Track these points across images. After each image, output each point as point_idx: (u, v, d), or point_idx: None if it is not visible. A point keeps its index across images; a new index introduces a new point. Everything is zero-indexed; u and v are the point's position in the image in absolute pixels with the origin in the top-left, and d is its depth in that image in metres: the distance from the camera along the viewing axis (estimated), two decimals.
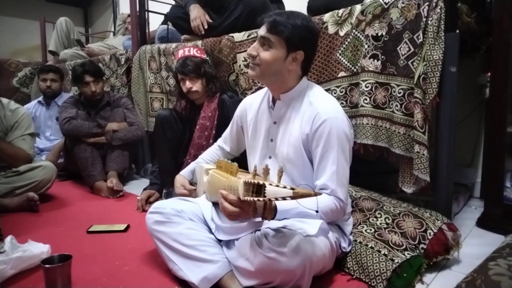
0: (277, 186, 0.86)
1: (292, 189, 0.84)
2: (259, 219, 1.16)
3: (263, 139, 1.30)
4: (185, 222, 1.21)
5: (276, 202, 1.03)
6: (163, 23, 3.04)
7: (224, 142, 1.58)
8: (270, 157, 1.29)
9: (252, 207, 0.97)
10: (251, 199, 0.90)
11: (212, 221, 1.24)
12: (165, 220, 1.21)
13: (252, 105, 1.39)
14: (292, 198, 0.84)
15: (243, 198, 0.94)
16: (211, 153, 1.59)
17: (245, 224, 1.15)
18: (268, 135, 1.29)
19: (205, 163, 1.53)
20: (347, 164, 1.19)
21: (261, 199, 0.88)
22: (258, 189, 0.90)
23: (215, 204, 1.28)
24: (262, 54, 1.17)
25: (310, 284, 1.06)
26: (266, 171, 0.94)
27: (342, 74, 1.67)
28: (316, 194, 0.86)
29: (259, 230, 1.07)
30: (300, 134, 1.20)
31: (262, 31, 1.18)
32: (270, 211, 1.00)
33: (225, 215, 1.06)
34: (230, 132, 1.54)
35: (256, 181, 0.90)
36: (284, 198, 0.85)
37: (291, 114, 1.24)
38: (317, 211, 0.97)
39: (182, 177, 1.56)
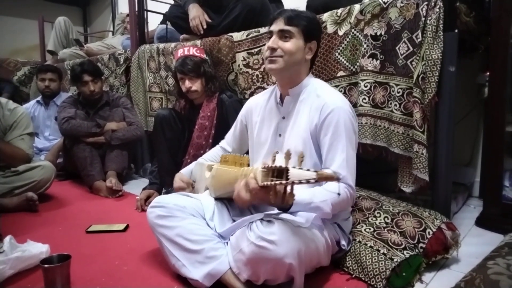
0: (301, 169, 0.86)
1: (315, 171, 0.84)
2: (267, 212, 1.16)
3: (271, 135, 1.32)
4: (188, 217, 1.21)
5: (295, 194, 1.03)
6: (162, 22, 3.04)
7: (226, 143, 1.58)
8: (277, 152, 1.29)
9: (273, 191, 0.96)
10: (272, 183, 0.90)
11: (212, 221, 1.24)
12: (168, 214, 1.20)
13: (258, 104, 1.41)
14: (316, 180, 0.83)
15: (261, 184, 0.94)
16: (213, 154, 1.59)
17: (240, 220, 1.15)
18: (276, 131, 1.31)
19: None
20: (354, 153, 1.21)
21: (283, 182, 0.88)
22: (280, 173, 0.90)
23: (218, 202, 1.28)
24: (284, 45, 1.22)
25: (309, 283, 1.06)
26: (288, 155, 0.93)
27: (341, 73, 1.67)
28: (338, 179, 0.86)
29: (253, 222, 1.08)
30: (309, 124, 1.22)
31: (279, 25, 1.22)
32: (291, 195, 0.98)
33: (240, 203, 1.07)
34: (233, 132, 1.55)
35: (278, 165, 0.90)
36: (308, 181, 0.84)
37: (300, 107, 1.27)
38: (339, 194, 0.99)
39: (181, 174, 1.57)
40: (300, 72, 1.27)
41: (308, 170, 0.85)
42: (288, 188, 0.94)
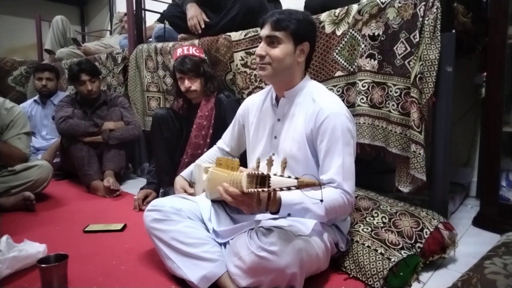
0: (282, 176, 0.86)
1: (296, 178, 0.84)
2: (260, 216, 1.16)
3: (266, 136, 1.31)
4: (184, 220, 1.20)
5: (282, 195, 1.03)
6: (160, 21, 3.03)
7: (224, 143, 1.58)
8: (273, 154, 1.29)
9: (256, 198, 0.96)
10: (255, 190, 0.90)
11: (210, 221, 1.24)
12: (164, 218, 1.20)
13: (255, 104, 1.40)
14: (297, 187, 0.84)
15: (246, 191, 0.94)
16: (211, 154, 1.59)
17: (239, 225, 1.15)
18: (271, 133, 1.30)
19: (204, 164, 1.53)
20: (353, 158, 1.19)
21: (265, 189, 0.88)
22: (262, 180, 0.90)
23: (214, 203, 1.28)
24: (272, 52, 1.19)
25: (307, 283, 1.06)
26: (270, 162, 0.94)
27: (339, 73, 1.67)
28: (320, 184, 0.86)
29: (253, 229, 1.07)
30: (305, 129, 1.21)
31: (266, 31, 1.20)
32: (274, 202, 1.00)
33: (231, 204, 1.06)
34: (231, 132, 1.54)
35: (260, 172, 0.90)
36: (289, 188, 0.84)
37: (295, 111, 1.25)
38: (321, 200, 0.95)
39: (182, 179, 1.56)
40: (294, 75, 1.25)
41: (289, 177, 0.85)
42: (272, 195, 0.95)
